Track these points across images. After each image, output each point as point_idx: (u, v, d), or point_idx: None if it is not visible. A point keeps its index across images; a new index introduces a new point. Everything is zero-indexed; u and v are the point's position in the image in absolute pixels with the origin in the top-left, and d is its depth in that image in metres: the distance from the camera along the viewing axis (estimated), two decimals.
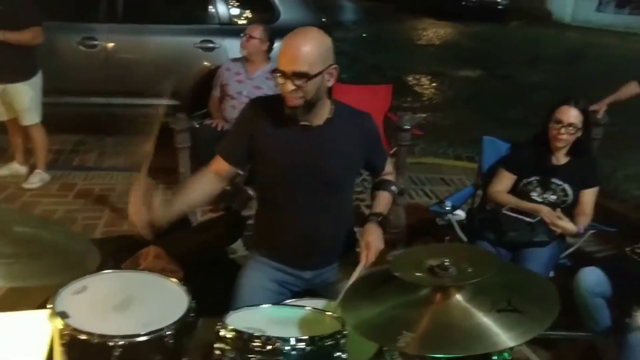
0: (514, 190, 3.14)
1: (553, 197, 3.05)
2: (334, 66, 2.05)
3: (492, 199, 3.17)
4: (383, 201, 2.33)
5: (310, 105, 2.04)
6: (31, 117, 4.44)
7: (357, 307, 1.60)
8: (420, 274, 1.46)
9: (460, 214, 3.51)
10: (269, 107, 2.17)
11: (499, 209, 3.06)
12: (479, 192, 3.53)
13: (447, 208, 3.22)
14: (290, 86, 1.96)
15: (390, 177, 2.41)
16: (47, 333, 1.80)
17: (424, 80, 9.35)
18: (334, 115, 2.15)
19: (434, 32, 14.64)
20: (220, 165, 2.22)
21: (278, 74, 1.99)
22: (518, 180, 3.14)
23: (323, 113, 2.13)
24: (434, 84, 9.18)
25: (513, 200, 3.07)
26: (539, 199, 3.05)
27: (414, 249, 1.68)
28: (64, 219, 4.04)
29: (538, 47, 12.71)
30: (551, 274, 2.97)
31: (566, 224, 2.89)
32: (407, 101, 7.87)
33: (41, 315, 1.75)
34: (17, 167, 4.70)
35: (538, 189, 3.07)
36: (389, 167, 2.43)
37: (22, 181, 4.56)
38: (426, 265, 1.48)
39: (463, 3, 17.43)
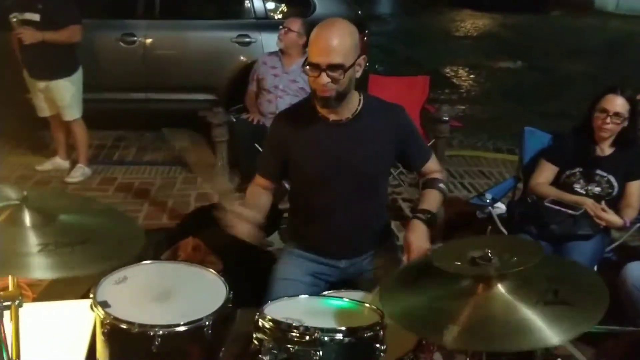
0: (557, 182, 3.06)
1: (597, 189, 2.96)
2: (363, 56, 2.05)
3: (533, 191, 3.09)
4: (431, 198, 2.22)
5: (341, 97, 2.03)
6: (72, 112, 4.55)
7: (397, 298, 1.58)
8: (462, 265, 1.43)
9: (501, 207, 3.44)
10: (294, 113, 2.21)
11: (541, 202, 2.99)
12: (520, 184, 3.45)
13: (487, 201, 3.16)
14: (325, 79, 1.95)
15: (438, 175, 2.31)
16: (90, 322, 1.84)
17: (462, 72, 9.21)
18: (363, 108, 2.13)
19: (471, 23, 14.40)
20: (262, 182, 2.26)
21: (309, 67, 1.98)
22: (560, 171, 3.06)
23: (352, 106, 2.12)
24: (472, 76, 9.03)
25: (556, 193, 2.99)
26: (583, 191, 2.97)
27: (455, 241, 1.64)
28: None
29: (580, 37, 12.39)
30: (595, 268, 2.89)
31: (611, 217, 2.81)
32: (445, 93, 7.76)
33: (84, 305, 1.78)
34: (59, 162, 4.81)
35: (581, 181, 2.99)
36: (434, 164, 2.33)
37: (64, 175, 4.67)
38: (468, 256, 1.45)
39: None
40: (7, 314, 1.41)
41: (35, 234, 1.49)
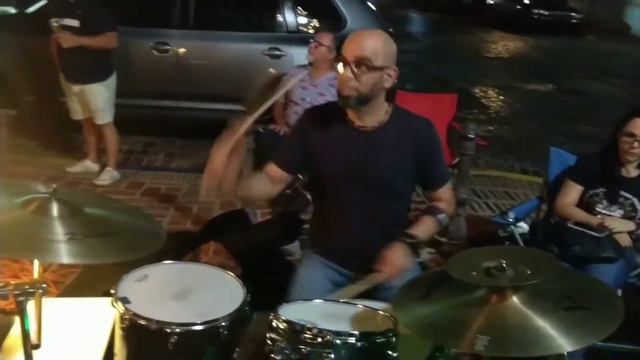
0: (580, 202, 3.02)
1: (620, 212, 2.92)
2: (395, 68, 2.03)
3: (559, 212, 3.04)
4: (423, 225, 2.14)
5: (363, 100, 2.01)
6: (105, 116, 4.66)
7: (411, 308, 1.58)
8: (476, 274, 1.43)
9: (524, 226, 3.41)
10: (323, 113, 2.19)
11: (564, 222, 2.94)
12: (544, 205, 3.41)
13: (509, 219, 3.13)
14: (348, 73, 1.96)
15: (443, 205, 2.20)
16: (110, 319, 1.87)
17: (491, 93, 9.17)
18: (390, 119, 2.12)
19: (503, 45, 14.35)
20: (272, 171, 2.21)
21: (338, 63, 1.99)
22: (584, 191, 3.02)
23: (378, 115, 2.10)
24: (501, 97, 8.99)
25: (582, 215, 2.95)
26: (605, 212, 2.93)
27: (470, 251, 1.65)
28: None
29: (611, 61, 12.25)
30: (619, 292, 2.84)
31: (621, 223, 2.82)
32: (473, 113, 7.74)
33: (105, 302, 1.81)
34: (89, 165, 4.92)
35: (604, 201, 2.95)
36: (446, 193, 2.24)
37: (93, 178, 4.77)
38: (483, 266, 1.45)
39: (535, 17, 17.04)
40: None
41: (62, 224, 1.53)
